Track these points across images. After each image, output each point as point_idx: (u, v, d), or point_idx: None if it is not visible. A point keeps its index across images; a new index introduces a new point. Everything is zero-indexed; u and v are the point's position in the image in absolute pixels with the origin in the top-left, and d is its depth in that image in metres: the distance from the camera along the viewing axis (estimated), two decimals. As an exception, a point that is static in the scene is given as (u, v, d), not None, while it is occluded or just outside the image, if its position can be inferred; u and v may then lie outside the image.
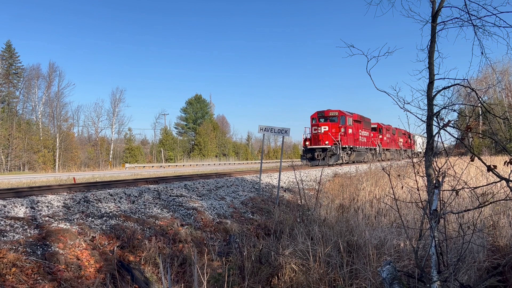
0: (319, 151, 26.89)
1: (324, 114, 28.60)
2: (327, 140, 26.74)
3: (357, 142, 30.50)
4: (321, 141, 27.15)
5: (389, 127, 42.81)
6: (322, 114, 28.69)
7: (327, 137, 27.03)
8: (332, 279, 5.47)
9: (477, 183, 8.44)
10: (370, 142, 34.61)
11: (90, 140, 69.42)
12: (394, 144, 44.62)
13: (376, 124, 38.78)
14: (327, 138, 26.92)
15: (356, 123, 30.71)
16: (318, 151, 26.91)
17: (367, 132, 33.95)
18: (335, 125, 27.77)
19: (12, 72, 60.06)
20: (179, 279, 6.11)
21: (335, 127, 27.68)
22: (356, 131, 30.54)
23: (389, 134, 42.33)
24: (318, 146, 27.10)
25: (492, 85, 18.27)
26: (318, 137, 27.58)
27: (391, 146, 42.64)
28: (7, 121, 54.26)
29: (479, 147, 34.45)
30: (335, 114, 28.20)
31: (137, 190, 9.43)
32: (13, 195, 7.96)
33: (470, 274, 4.88)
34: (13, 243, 5.23)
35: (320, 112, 28.90)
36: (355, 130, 30.35)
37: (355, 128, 30.20)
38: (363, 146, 32.05)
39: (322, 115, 28.70)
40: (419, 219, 6.37)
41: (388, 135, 41.90)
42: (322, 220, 8.25)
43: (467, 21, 4.83)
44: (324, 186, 14.10)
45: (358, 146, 30.49)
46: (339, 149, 26.34)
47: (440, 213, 4.17)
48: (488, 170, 3.85)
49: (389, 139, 42.37)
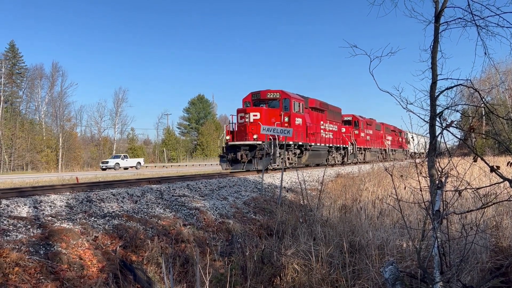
0: (244, 149, 18.23)
1: (260, 96, 20.37)
2: (257, 133, 18.01)
3: (315, 138, 22.31)
4: (249, 135, 18.50)
5: (371, 121, 35.16)
6: (258, 96, 20.51)
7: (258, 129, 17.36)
8: (334, 280, 5.46)
9: (480, 184, 8.41)
10: (339, 139, 26.76)
11: (93, 139, 69.64)
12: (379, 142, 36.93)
13: (351, 116, 31.58)
14: (257, 130, 17.72)
15: (314, 112, 23.03)
16: (243, 149, 18.24)
17: (334, 126, 26.16)
18: (275, 112, 19.55)
19: (15, 72, 60.31)
20: (181, 279, 6.12)
21: (274, 114, 19.41)
22: (314, 123, 22.60)
23: (370, 130, 34.41)
24: (242, 142, 18.46)
25: (495, 85, 18.21)
26: (244, 129, 18.80)
27: (373, 145, 34.72)
28: (10, 121, 54.47)
29: (482, 148, 34.34)
30: (275, 96, 20.01)
31: (140, 190, 9.45)
32: (16, 194, 7.98)
33: (473, 275, 4.87)
34: (16, 242, 5.25)
35: (255, 94, 20.66)
36: (312, 120, 22.37)
37: (311, 118, 22.27)
38: (325, 143, 23.85)
39: (257, 97, 20.52)
40: (422, 219, 6.36)
41: (369, 131, 33.89)
42: (325, 221, 8.25)
43: (470, 21, 4.82)
44: (327, 186, 14.08)
45: (315, 143, 22.22)
46: (275, 147, 17.88)
47: (443, 213, 4.16)
48: (491, 170, 3.84)
49: (371, 136, 34.46)
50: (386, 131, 40.00)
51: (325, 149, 24.29)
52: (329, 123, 25.19)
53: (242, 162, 17.92)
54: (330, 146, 24.89)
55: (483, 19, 4.77)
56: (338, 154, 27.04)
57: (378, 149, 36.55)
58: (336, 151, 26.65)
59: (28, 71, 61.61)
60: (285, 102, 19.83)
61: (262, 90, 20.39)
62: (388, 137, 40.41)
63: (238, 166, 18.11)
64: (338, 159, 27.13)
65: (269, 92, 20.18)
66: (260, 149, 17.73)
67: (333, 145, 25.51)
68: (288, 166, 19.37)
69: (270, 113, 19.31)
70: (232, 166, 18.41)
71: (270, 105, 19.99)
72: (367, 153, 33.31)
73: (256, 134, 18.05)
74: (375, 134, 35.93)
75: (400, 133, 44.09)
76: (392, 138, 41.70)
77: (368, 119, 34.39)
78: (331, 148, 25.38)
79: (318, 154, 23.29)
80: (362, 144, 31.58)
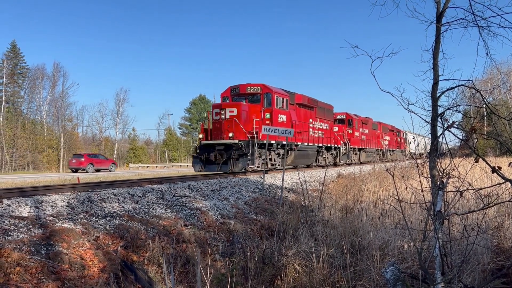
0: (218, 149, 16.34)
1: (240, 90, 18.48)
2: (233, 132, 16.29)
3: (302, 137, 20.65)
4: (224, 133, 16.65)
5: (367, 120, 33.36)
6: (237, 90, 18.61)
7: (235, 126, 16.26)
8: (335, 280, 5.46)
9: (482, 185, 8.40)
10: (330, 138, 24.95)
11: (94, 140, 69.72)
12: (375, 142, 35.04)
13: (344, 115, 29.71)
14: (234, 128, 16.29)
15: (302, 109, 21.40)
16: (218, 149, 16.35)
17: (325, 124, 24.42)
18: (256, 108, 17.72)
19: (17, 72, 60.44)
20: (182, 279, 6.12)
21: (255, 110, 17.60)
22: (301, 120, 20.94)
23: (366, 129, 32.63)
24: (217, 141, 16.62)
25: (497, 86, 18.17)
26: (220, 127, 16.96)
27: (369, 145, 32.99)
28: (12, 121, 54.59)
29: (484, 148, 34.31)
30: (256, 91, 18.14)
31: (141, 190, 9.46)
32: (17, 194, 7.99)
33: (474, 276, 4.86)
34: (17, 242, 5.25)
35: (234, 88, 18.78)
36: (299, 118, 20.74)
37: (298, 115, 20.65)
38: (313, 143, 22.07)
39: (236, 92, 18.64)
40: (423, 220, 6.36)
41: (364, 130, 32.15)
42: (326, 221, 8.25)
43: (472, 22, 4.81)
44: (328, 187, 14.08)
45: (302, 142, 20.44)
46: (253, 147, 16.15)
47: (444, 214, 4.15)
48: (493, 171, 3.83)
49: (367, 135, 32.73)
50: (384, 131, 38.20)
51: (314, 149, 22.54)
52: (319, 121, 23.46)
53: (217, 164, 16.21)
54: (319, 146, 23.15)
55: (485, 19, 4.76)
56: (329, 155, 25.41)
57: (375, 150, 34.78)
58: (327, 152, 25.07)
59: (30, 71, 61.79)
60: (266, 97, 18.00)
61: (242, 84, 18.53)
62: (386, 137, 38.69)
63: (213, 168, 16.33)
64: (329, 160, 25.48)
65: (249, 86, 18.35)
66: (237, 149, 15.87)
67: (323, 145, 23.73)
68: (270, 167, 17.65)
69: (251, 109, 17.47)
70: (206, 168, 16.55)
71: (250, 100, 18.20)
72: (362, 154, 31.73)
73: (232, 132, 16.25)
74: (371, 133, 34.22)
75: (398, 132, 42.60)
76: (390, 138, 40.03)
77: (364, 118, 32.73)
78: (321, 148, 23.68)
79: (306, 154, 21.43)
80: (356, 144, 29.95)
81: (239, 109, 16.79)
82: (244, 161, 15.74)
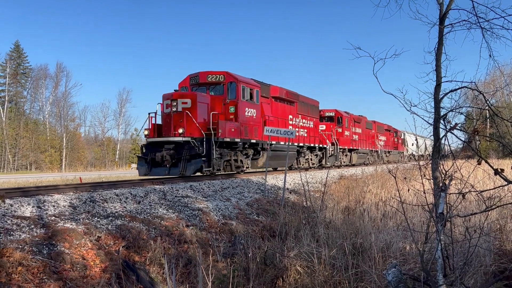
0: (167, 148, 13.48)
1: (199, 79, 15.55)
2: (184, 127, 13.31)
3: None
4: (174, 129, 13.62)
5: (360, 119, 30.48)
6: (197, 79, 15.67)
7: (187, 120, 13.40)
8: (337, 282, 5.45)
9: (484, 187, 8.38)
10: (314, 137, 22.20)
11: (96, 140, 69.89)
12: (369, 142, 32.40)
13: (333, 112, 26.63)
14: (186, 122, 13.39)
15: (278, 103, 18.62)
16: (166, 148, 13.48)
17: (309, 122, 21.70)
18: (219, 100, 15.08)
19: (20, 72, 60.64)
20: (184, 279, 6.12)
21: (217, 103, 14.98)
22: (278, 116, 18.11)
23: (359, 128, 29.75)
24: (166, 139, 13.69)
25: (500, 88, 18.12)
26: (170, 121, 13.95)
27: (361, 145, 30.26)
28: (14, 121, 54.78)
29: (486, 150, 34.25)
30: (218, 80, 15.27)
31: (143, 190, 9.46)
32: (19, 194, 8.00)
33: (477, 278, 4.85)
34: (20, 242, 5.26)
35: (193, 77, 15.86)
36: (275, 113, 18.02)
37: (273, 109, 17.99)
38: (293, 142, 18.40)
39: (196, 81, 15.71)
40: (425, 222, 6.34)
41: (356, 129, 29.19)
42: (328, 222, 8.24)
43: (475, 23, 4.82)
44: (330, 188, 14.07)
45: (278, 141, 17.59)
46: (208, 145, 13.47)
47: (447, 216, 4.15)
48: (495, 173, 3.83)
49: (359, 135, 29.89)
50: (379, 130, 35.24)
51: (293, 149, 19.34)
52: (301, 118, 20.66)
53: (165, 166, 13.24)
54: (300, 145, 20.15)
55: (488, 21, 4.76)
56: (313, 156, 22.48)
57: (368, 151, 31.99)
58: (311, 152, 22.15)
59: (33, 71, 62.03)
60: (231, 86, 15.16)
61: (202, 72, 15.64)
62: (381, 137, 35.88)
63: (160, 171, 13.27)
64: (314, 162, 22.75)
65: (210, 74, 15.38)
66: (189, 148, 13.12)
67: (305, 145, 20.75)
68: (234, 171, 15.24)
69: (211, 101, 14.75)
70: (151, 171, 13.50)
71: (213, 92, 15.47)
72: (354, 155, 28.74)
73: (182, 128, 13.24)
74: (365, 133, 31.38)
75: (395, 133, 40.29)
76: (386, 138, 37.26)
77: (356, 116, 29.78)
78: (302, 148, 20.68)
79: (282, 155, 17.73)
80: (346, 145, 26.94)
81: (193, 99, 13.91)
82: (198, 162, 13.02)
